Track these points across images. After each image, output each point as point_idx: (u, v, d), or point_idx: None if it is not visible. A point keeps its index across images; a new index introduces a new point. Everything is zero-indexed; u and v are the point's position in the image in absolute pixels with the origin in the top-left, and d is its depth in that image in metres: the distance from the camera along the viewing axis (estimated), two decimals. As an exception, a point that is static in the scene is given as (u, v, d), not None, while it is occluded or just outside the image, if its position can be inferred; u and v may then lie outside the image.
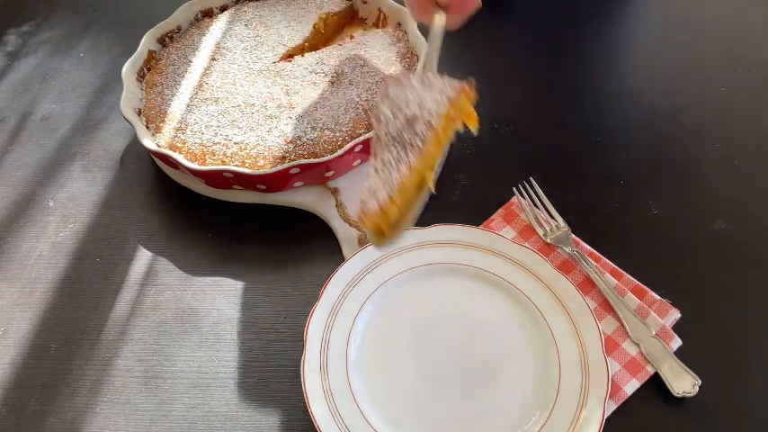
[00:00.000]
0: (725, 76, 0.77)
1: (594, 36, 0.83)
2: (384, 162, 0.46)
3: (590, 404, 0.51)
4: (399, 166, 0.45)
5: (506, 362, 0.55)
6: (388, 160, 0.46)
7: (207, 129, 0.67)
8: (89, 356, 0.59)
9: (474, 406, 0.53)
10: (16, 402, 0.57)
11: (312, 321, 0.56)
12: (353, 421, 0.52)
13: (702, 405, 0.53)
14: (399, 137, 0.47)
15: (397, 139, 0.47)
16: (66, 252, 0.67)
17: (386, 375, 0.55)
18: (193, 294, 0.63)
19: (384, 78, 0.50)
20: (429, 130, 0.47)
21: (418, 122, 0.47)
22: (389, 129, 0.47)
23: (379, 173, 0.46)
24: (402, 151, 0.46)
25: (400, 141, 0.47)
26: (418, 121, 0.47)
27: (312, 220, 0.67)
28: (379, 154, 0.47)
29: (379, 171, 0.46)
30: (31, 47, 0.88)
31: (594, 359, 0.53)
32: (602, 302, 0.58)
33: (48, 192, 0.72)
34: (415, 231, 0.61)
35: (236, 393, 0.57)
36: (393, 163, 0.46)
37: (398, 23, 0.78)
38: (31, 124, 0.79)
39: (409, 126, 0.47)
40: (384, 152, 0.46)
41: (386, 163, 0.46)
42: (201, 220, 0.68)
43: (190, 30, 0.79)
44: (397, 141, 0.47)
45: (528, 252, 0.59)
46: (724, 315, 0.58)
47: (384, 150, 0.46)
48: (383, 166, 0.46)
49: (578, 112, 0.75)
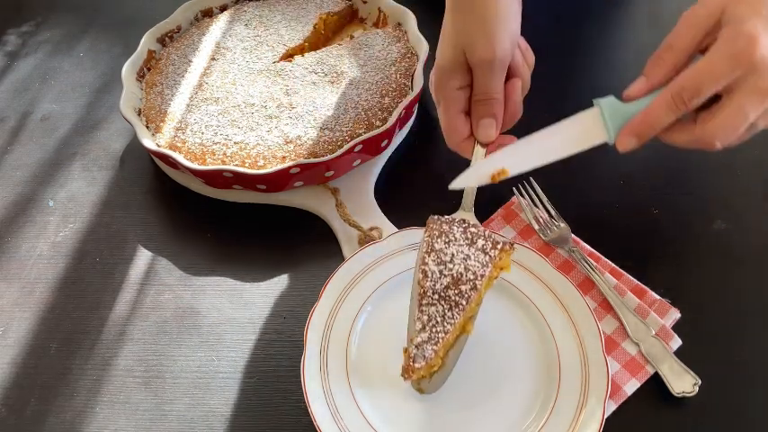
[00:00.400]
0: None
1: (595, 36, 0.83)
2: (430, 316, 0.49)
3: (590, 404, 0.51)
4: (445, 324, 0.49)
5: (506, 362, 0.55)
6: (433, 315, 0.49)
7: (207, 128, 0.67)
8: (89, 356, 0.59)
9: (474, 406, 0.53)
10: (16, 402, 0.57)
11: (312, 321, 0.56)
12: (353, 421, 0.52)
13: (702, 405, 0.53)
14: (445, 294, 0.50)
15: (442, 296, 0.50)
16: (66, 252, 0.67)
17: (386, 375, 0.55)
18: (193, 294, 0.63)
19: (429, 224, 0.54)
20: (474, 290, 0.50)
21: (463, 282, 0.50)
22: (436, 286, 0.50)
23: (426, 328, 0.49)
24: (447, 309, 0.49)
25: (445, 299, 0.49)
26: (463, 280, 0.50)
27: (312, 220, 0.67)
28: (424, 308, 0.49)
29: (426, 326, 0.49)
30: (31, 47, 0.88)
31: (594, 359, 0.53)
32: (602, 302, 0.58)
33: (47, 191, 0.72)
34: (415, 231, 0.61)
35: (236, 393, 0.57)
36: (438, 319, 0.49)
37: (398, 23, 0.78)
38: (30, 124, 0.79)
39: (455, 285, 0.50)
40: (430, 307, 0.49)
41: (431, 317, 0.49)
42: (201, 220, 0.68)
43: (190, 30, 0.79)
44: (442, 298, 0.49)
45: (528, 252, 0.59)
46: (724, 315, 0.58)
47: (430, 306, 0.49)
48: (428, 320, 0.49)
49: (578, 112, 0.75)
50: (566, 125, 0.52)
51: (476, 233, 0.53)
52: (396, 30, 0.77)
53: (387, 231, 0.63)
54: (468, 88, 0.55)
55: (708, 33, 0.48)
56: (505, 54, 0.52)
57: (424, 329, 0.49)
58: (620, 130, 0.49)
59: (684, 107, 0.47)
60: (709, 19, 0.48)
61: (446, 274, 0.50)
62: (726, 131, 0.47)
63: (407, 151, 0.72)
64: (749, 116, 0.46)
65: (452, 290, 0.50)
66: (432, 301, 0.50)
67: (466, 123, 0.55)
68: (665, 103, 0.47)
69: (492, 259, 0.51)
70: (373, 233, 0.63)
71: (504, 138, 0.56)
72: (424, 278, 0.51)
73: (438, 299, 0.50)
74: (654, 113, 0.48)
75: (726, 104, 0.46)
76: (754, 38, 0.44)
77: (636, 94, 0.50)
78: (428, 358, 0.48)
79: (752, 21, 0.45)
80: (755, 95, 0.45)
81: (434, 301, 0.50)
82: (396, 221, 0.65)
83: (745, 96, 0.45)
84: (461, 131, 0.55)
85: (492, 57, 0.52)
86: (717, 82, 0.45)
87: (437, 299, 0.50)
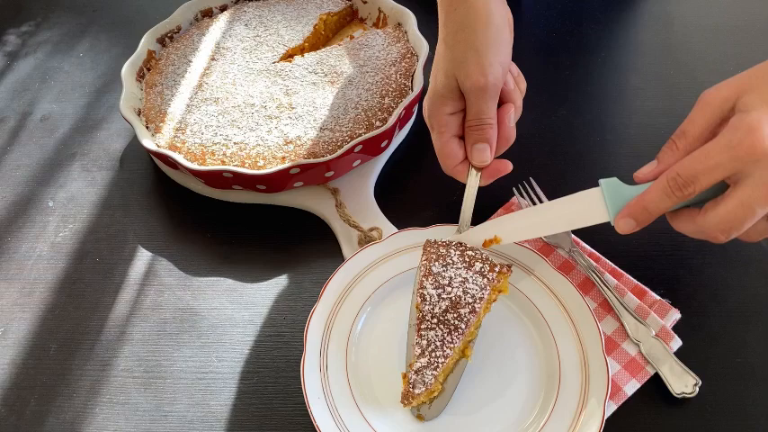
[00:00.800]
0: (725, 76, 0.77)
1: (595, 36, 0.83)
2: (429, 341, 0.50)
3: (590, 405, 0.51)
4: (444, 348, 0.49)
5: (506, 362, 0.55)
6: (432, 340, 0.50)
7: (207, 129, 0.67)
8: (89, 357, 0.59)
9: (473, 406, 0.53)
10: (16, 402, 0.57)
11: (312, 321, 0.56)
12: (353, 421, 0.52)
13: (702, 405, 0.53)
14: (444, 317, 0.50)
15: (441, 320, 0.50)
16: (66, 252, 0.67)
17: (385, 376, 0.55)
18: (193, 294, 0.63)
19: (425, 247, 0.55)
20: (473, 314, 0.50)
21: (462, 306, 0.51)
22: (434, 310, 0.51)
23: (425, 353, 0.49)
24: (446, 334, 0.50)
25: (444, 322, 0.50)
26: (462, 304, 0.51)
27: (312, 220, 0.67)
28: (423, 333, 0.50)
29: (425, 351, 0.49)
30: (30, 47, 0.88)
31: (594, 359, 0.53)
32: (602, 302, 0.58)
33: (47, 192, 0.72)
34: (415, 231, 0.61)
35: (236, 394, 0.57)
36: (438, 343, 0.49)
37: (398, 23, 0.77)
38: (30, 124, 0.79)
39: (453, 309, 0.50)
40: (429, 332, 0.50)
41: (430, 342, 0.50)
42: (201, 220, 0.68)
43: (190, 30, 0.79)
44: (441, 322, 0.50)
45: (528, 252, 0.59)
46: (724, 315, 0.58)
47: (429, 330, 0.50)
48: (427, 344, 0.49)
49: (578, 112, 0.75)
50: (567, 202, 0.53)
51: (473, 256, 0.53)
52: (396, 30, 0.77)
53: (387, 232, 0.63)
54: (461, 113, 0.56)
55: (724, 119, 0.46)
56: (497, 80, 0.53)
57: (423, 354, 0.50)
58: (619, 211, 0.49)
59: (681, 193, 0.45)
60: (724, 104, 0.46)
61: (444, 297, 0.51)
62: (728, 224, 0.44)
63: (407, 151, 0.72)
64: (755, 210, 0.43)
65: (451, 313, 0.50)
66: (431, 326, 0.50)
67: (460, 147, 0.56)
68: (661, 189, 0.46)
69: (490, 282, 0.52)
70: (373, 233, 0.62)
71: (499, 162, 0.56)
72: (423, 302, 0.51)
73: (437, 323, 0.50)
74: (649, 198, 0.47)
75: (730, 196, 0.44)
76: (753, 129, 0.42)
77: (645, 177, 0.49)
78: (428, 384, 0.49)
79: (758, 111, 0.43)
80: (762, 188, 0.42)
81: (433, 326, 0.50)
82: (396, 222, 0.65)
83: (749, 189, 0.43)
84: (456, 155, 0.56)
85: (484, 84, 0.53)
86: (713, 171, 0.44)
87: (436, 323, 0.50)
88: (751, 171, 0.43)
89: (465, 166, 0.56)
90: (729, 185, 0.45)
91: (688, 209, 0.48)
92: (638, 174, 0.50)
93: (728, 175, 0.44)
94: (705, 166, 0.44)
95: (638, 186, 0.49)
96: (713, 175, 0.44)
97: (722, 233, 0.45)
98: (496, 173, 0.56)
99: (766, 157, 0.42)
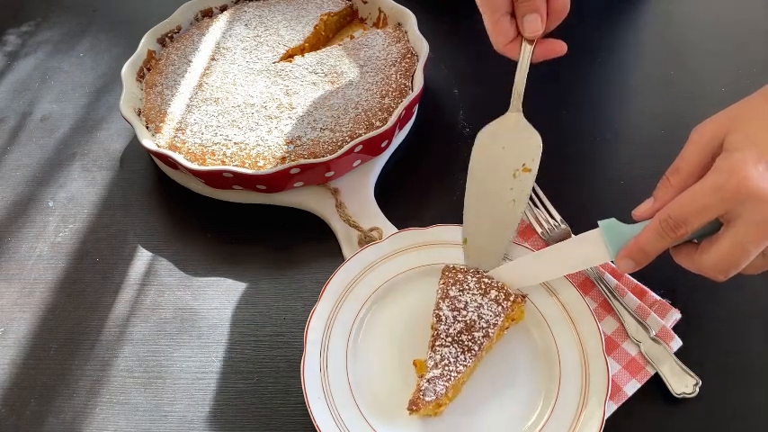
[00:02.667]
0: (725, 76, 0.77)
1: (595, 36, 0.83)
2: (443, 356, 0.52)
3: (590, 405, 0.51)
4: (458, 365, 0.52)
5: (506, 362, 0.55)
6: (446, 356, 0.52)
7: (207, 129, 0.67)
8: (89, 357, 0.59)
9: (473, 406, 0.53)
10: (16, 402, 0.57)
11: (312, 321, 0.56)
12: (353, 421, 0.52)
13: (702, 405, 0.53)
14: (458, 338, 0.53)
15: (456, 339, 0.53)
16: (66, 252, 0.67)
17: (386, 376, 0.55)
18: (193, 294, 0.63)
19: (444, 272, 0.57)
20: (486, 338, 0.53)
21: (476, 329, 0.53)
22: (449, 330, 0.53)
23: (438, 366, 0.52)
24: (461, 353, 0.52)
25: (459, 342, 0.53)
26: (476, 328, 0.53)
27: (312, 220, 0.67)
28: (438, 348, 0.53)
29: (438, 364, 0.52)
30: (30, 47, 0.88)
31: (594, 359, 0.53)
32: (602, 302, 0.58)
33: (47, 192, 0.72)
34: (415, 231, 0.61)
35: (236, 394, 0.57)
36: (452, 359, 0.52)
37: (398, 23, 0.77)
38: (30, 124, 0.79)
39: (468, 331, 0.53)
40: (443, 348, 0.52)
41: (444, 357, 0.52)
42: (201, 220, 0.68)
43: (190, 30, 0.79)
44: (455, 341, 0.53)
45: (528, 252, 0.59)
46: (724, 315, 0.58)
47: (443, 347, 0.52)
48: (441, 359, 0.52)
49: (578, 112, 0.75)
50: (569, 246, 0.55)
51: (489, 284, 0.55)
52: (396, 30, 0.77)
53: (387, 232, 0.63)
54: None
55: (714, 156, 0.46)
56: None
57: (437, 367, 0.51)
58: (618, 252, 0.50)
59: (674, 234, 0.46)
60: (711, 142, 0.47)
61: (459, 320, 0.53)
62: (723, 264, 0.45)
63: (407, 151, 0.72)
64: (749, 250, 0.44)
65: (466, 335, 0.53)
66: (445, 343, 0.52)
67: (511, 24, 0.55)
68: (655, 230, 0.47)
69: (504, 310, 0.54)
70: (373, 233, 0.62)
71: (554, 42, 0.56)
72: (438, 322, 0.53)
73: (451, 341, 0.52)
74: (644, 239, 0.48)
75: (723, 236, 0.44)
76: (736, 171, 0.43)
77: (643, 215, 0.49)
78: (439, 393, 0.50)
79: (743, 152, 0.44)
80: (753, 228, 0.43)
81: (447, 344, 0.52)
82: (396, 222, 0.65)
83: (742, 230, 0.43)
84: (507, 32, 0.56)
85: None
86: (702, 213, 0.44)
87: (450, 341, 0.52)
88: (740, 211, 0.43)
89: (516, 44, 0.56)
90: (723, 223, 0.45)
91: (687, 245, 0.48)
92: (636, 212, 0.50)
93: (719, 215, 0.44)
94: (694, 208, 0.45)
95: (636, 225, 0.49)
96: (703, 216, 0.44)
97: (720, 273, 0.46)
98: (551, 52, 0.56)
99: (752, 197, 0.42)
